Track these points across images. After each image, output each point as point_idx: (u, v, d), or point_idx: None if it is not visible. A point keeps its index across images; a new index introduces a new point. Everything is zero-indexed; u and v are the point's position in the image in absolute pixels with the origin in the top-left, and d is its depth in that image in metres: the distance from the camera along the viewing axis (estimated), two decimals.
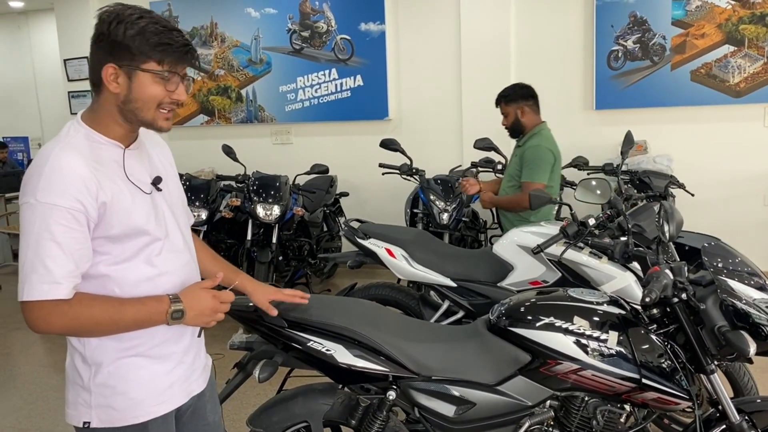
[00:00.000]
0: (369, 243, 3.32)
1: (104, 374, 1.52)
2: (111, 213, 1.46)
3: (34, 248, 1.38)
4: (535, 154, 3.51)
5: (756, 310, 1.93)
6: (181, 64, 1.49)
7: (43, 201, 1.38)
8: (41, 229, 1.38)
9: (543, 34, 5.78)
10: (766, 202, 5.38)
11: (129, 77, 1.45)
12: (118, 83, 1.46)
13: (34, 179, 1.40)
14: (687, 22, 5.33)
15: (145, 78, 1.46)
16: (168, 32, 1.46)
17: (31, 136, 8.93)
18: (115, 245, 1.49)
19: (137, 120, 1.50)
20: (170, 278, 1.59)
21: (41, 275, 1.38)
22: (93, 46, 1.47)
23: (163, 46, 1.45)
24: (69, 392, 1.57)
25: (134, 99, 1.47)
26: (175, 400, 1.62)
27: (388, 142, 4.63)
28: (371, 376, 2.03)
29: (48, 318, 1.40)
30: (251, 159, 5.94)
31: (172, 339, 1.61)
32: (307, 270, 5.46)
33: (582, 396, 2.04)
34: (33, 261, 1.38)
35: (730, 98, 5.31)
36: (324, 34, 6.36)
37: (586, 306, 2.05)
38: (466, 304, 3.16)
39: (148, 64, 1.45)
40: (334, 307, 2.12)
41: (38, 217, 1.38)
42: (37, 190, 1.38)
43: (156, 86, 1.47)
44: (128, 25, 1.43)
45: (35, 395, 3.88)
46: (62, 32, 7.38)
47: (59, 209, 1.38)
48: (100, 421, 1.53)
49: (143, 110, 1.48)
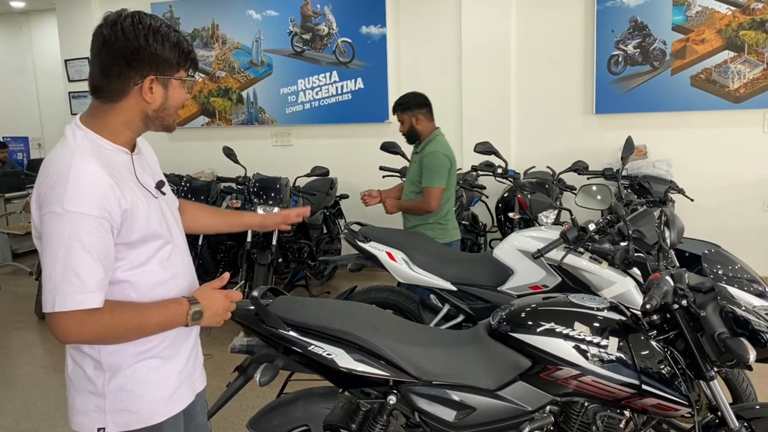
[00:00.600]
0: (369, 246, 3.32)
1: (121, 378, 1.53)
2: (132, 219, 1.47)
3: (64, 258, 1.37)
4: (433, 161, 3.66)
5: (756, 317, 1.94)
6: (196, 68, 1.60)
7: (71, 210, 1.37)
8: (71, 238, 1.37)
9: (543, 38, 5.79)
10: (765, 207, 5.39)
11: (164, 87, 1.51)
12: (152, 93, 1.50)
13: (58, 188, 1.39)
14: (687, 27, 5.35)
15: (177, 85, 1.54)
16: (187, 41, 1.55)
17: (31, 136, 8.94)
18: (132, 251, 1.50)
19: (162, 125, 1.57)
20: (180, 280, 1.62)
21: (74, 285, 1.37)
22: (118, 56, 1.45)
23: (191, 55, 1.55)
24: (76, 399, 1.56)
25: (168, 107, 1.54)
26: (185, 398, 1.65)
27: (389, 145, 4.64)
28: (372, 380, 2.03)
29: (81, 328, 1.40)
30: (251, 161, 5.94)
31: (181, 338, 1.65)
32: (306, 272, 5.47)
33: (582, 401, 2.04)
34: (64, 271, 1.37)
35: (730, 104, 5.32)
36: (325, 37, 6.37)
37: (587, 312, 2.06)
38: (466, 308, 3.16)
39: (180, 73, 1.54)
40: (335, 310, 2.12)
41: (67, 227, 1.37)
42: (63, 199, 1.38)
43: (183, 92, 1.57)
44: (165, 38, 1.48)
45: (34, 396, 3.88)
46: (63, 33, 7.38)
47: (88, 218, 1.38)
48: (116, 425, 1.53)
49: (172, 116, 1.58)
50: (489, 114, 5.93)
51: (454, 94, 6.07)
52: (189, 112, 7.00)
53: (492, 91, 5.90)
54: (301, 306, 2.12)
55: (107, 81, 1.48)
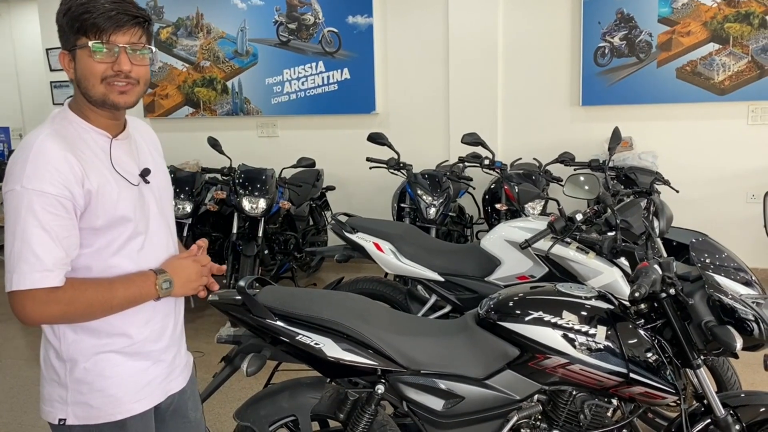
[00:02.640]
0: (357, 237, 3.31)
1: (80, 370, 1.49)
2: (96, 203, 1.43)
3: (22, 236, 1.34)
4: None
5: (742, 305, 1.95)
6: (107, 31, 1.41)
7: (29, 188, 1.34)
8: (28, 216, 1.34)
9: (530, 30, 5.79)
10: (749, 199, 5.44)
11: (73, 58, 1.45)
12: (70, 68, 1.46)
13: (19, 166, 1.37)
14: (673, 19, 5.37)
15: (83, 55, 1.42)
16: (92, 1, 1.41)
17: (12, 127, 8.79)
18: (99, 237, 1.46)
19: (93, 100, 1.46)
20: None
21: (32, 264, 1.34)
22: None
23: (84, 17, 1.40)
24: (44, 388, 1.54)
25: (81, 78, 1.44)
26: (153, 397, 1.59)
27: (376, 136, 4.62)
28: (360, 369, 2.02)
29: (42, 307, 1.36)
30: (236, 152, 5.90)
31: (151, 337, 1.58)
32: (292, 264, 5.44)
33: (570, 390, 2.05)
34: (21, 249, 1.34)
35: (715, 96, 5.35)
36: (311, 27, 6.32)
37: (575, 301, 2.06)
38: (454, 298, 3.16)
39: (81, 41, 1.42)
40: (322, 300, 2.11)
41: (24, 205, 1.34)
42: (23, 176, 1.35)
43: (91, 60, 1.42)
44: (62, 6, 1.43)
45: (17, 388, 3.83)
46: (44, 21, 7.26)
47: (46, 196, 1.35)
48: (77, 418, 1.50)
49: (91, 88, 1.44)
50: (476, 105, 5.93)
51: (441, 85, 6.06)
52: (173, 102, 6.93)
53: (479, 82, 5.89)
54: (288, 296, 2.10)
55: None
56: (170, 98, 6.94)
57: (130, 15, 1.43)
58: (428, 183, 4.62)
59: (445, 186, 4.64)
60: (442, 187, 4.61)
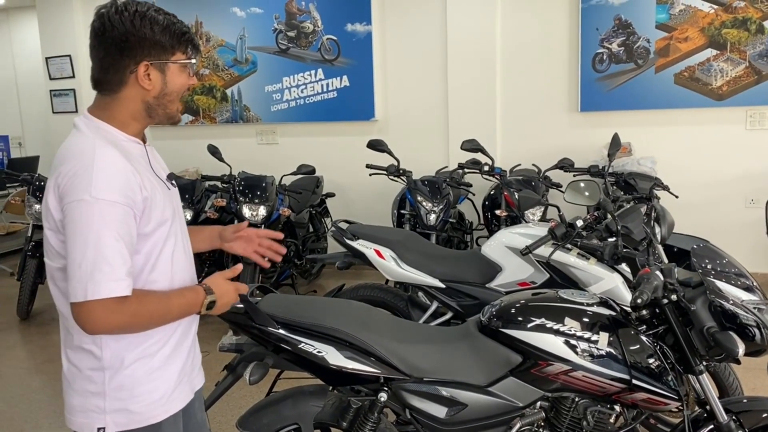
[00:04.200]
0: (357, 244, 3.31)
1: (121, 377, 1.50)
2: (149, 208, 1.47)
3: (95, 245, 1.35)
4: None
5: (743, 311, 1.96)
6: (196, 51, 1.56)
7: (100, 198, 1.36)
8: (101, 226, 1.36)
9: (529, 36, 5.81)
10: (748, 204, 5.45)
11: (162, 72, 1.49)
12: (150, 79, 1.48)
13: (83, 177, 1.37)
14: (671, 25, 5.39)
15: (176, 69, 1.52)
16: (182, 23, 1.53)
17: (11, 135, 8.79)
18: (147, 242, 1.50)
19: (164, 114, 1.54)
20: (181, 275, 1.61)
21: (106, 273, 1.36)
22: (111, 46, 1.45)
23: (186, 36, 1.51)
24: (74, 399, 1.53)
25: (168, 92, 1.51)
26: (184, 396, 1.64)
27: (376, 143, 4.63)
28: (362, 377, 2.02)
29: (111, 316, 1.38)
30: (236, 159, 5.91)
31: (182, 337, 1.63)
32: (293, 271, 5.44)
33: (572, 397, 2.05)
34: (95, 259, 1.35)
35: (713, 101, 5.37)
36: (310, 35, 6.34)
37: (577, 307, 2.06)
38: (455, 305, 3.16)
39: (177, 56, 1.51)
40: (325, 308, 2.11)
41: (96, 214, 1.36)
42: (91, 187, 1.36)
43: (184, 76, 1.54)
44: (153, 21, 1.45)
45: (17, 398, 3.82)
46: (44, 30, 7.28)
47: (117, 206, 1.38)
48: (116, 425, 1.51)
49: (174, 102, 1.55)
50: (475, 111, 5.94)
51: (440, 92, 6.07)
52: None
53: (477, 88, 5.91)
54: (290, 303, 2.10)
55: (104, 73, 1.48)
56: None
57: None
58: (428, 189, 4.63)
59: (445, 192, 4.64)
60: (442, 194, 4.62)
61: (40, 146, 8.79)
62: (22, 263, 5.10)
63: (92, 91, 1.55)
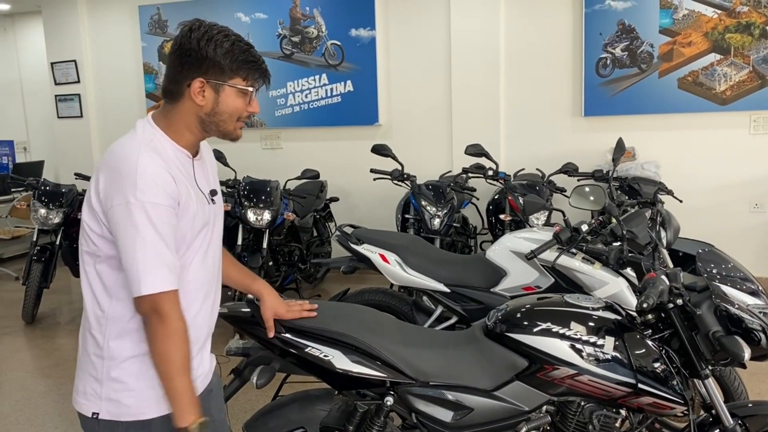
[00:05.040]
0: (362, 248, 3.32)
1: (118, 370, 1.56)
2: (182, 214, 1.53)
3: (142, 244, 1.44)
4: None
5: (749, 315, 1.96)
6: (261, 80, 1.61)
7: (144, 200, 1.44)
8: (146, 226, 1.44)
9: (532, 41, 5.83)
10: (752, 208, 5.45)
11: (216, 91, 1.55)
12: (203, 96, 1.55)
13: (127, 180, 1.45)
14: (674, 30, 5.40)
15: (231, 92, 1.57)
16: (250, 51, 1.58)
17: (16, 140, 8.83)
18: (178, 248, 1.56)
19: (218, 131, 1.60)
20: (196, 286, 1.65)
21: (157, 267, 1.45)
22: (176, 59, 1.55)
23: (249, 64, 1.57)
24: (80, 380, 1.62)
25: (220, 112, 1.57)
26: None
27: (380, 148, 4.64)
28: (369, 381, 2.03)
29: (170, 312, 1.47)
30: (241, 164, 5.93)
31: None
32: (297, 275, 5.45)
33: (578, 401, 2.05)
34: (145, 257, 1.44)
35: (717, 106, 5.37)
36: (314, 40, 6.36)
37: (583, 311, 2.07)
38: (460, 309, 3.17)
39: (235, 80, 1.56)
40: (331, 312, 2.11)
41: (142, 216, 1.44)
42: (136, 190, 1.44)
43: (239, 100, 1.58)
44: (218, 43, 1.53)
45: (22, 401, 3.83)
46: (49, 35, 7.31)
47: (160, 207, 1.46)
48: (109, 413, 1.57)
49: (226, 122, 1.60)
50: (478, 116, 5.96)
51: (443, 97, 6.09)
52: None
53: (481, 93, 5.92)
54: None
55: (168, 81, 1.58)
56: None
57: (268, 72, 1.64)
58: (432, 194, 4.64)
59: (449, 197, 4.65)
60: (446, 198, 4.63)
61: (45, 151, 8.83)
62: (28, 267, 5.12)
63: (97, 97, 1.60)
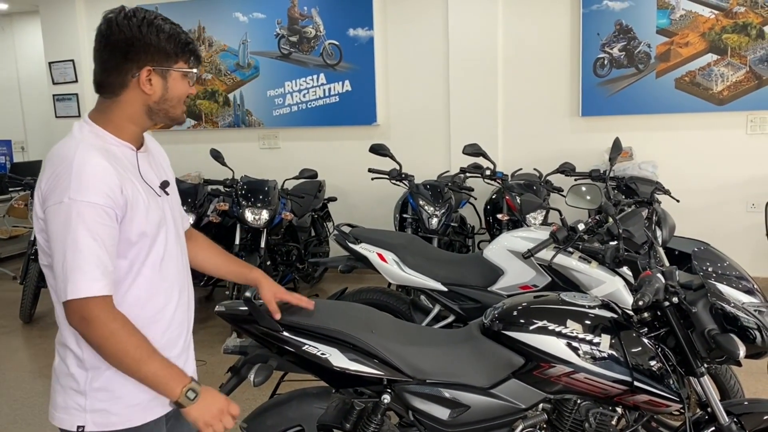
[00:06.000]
0: (360, 247, 3.33)
1: (103, 379, 1.53)
2: (131, 212, 1.49)
3: (73, 246, 1.39)
4: None
5: (744, 313, 1.97)
6: (197, 61, 1.60)
7: (79, 199, 1.39)
8: (79, 226, 1.39)
9: (530, 41, 5.84)
10: (749, 208, 5.46)
11: (163, 78, 1.52)
12: (151, 84, 1.51)
13: (63, 180, 1.41)
14: (671, 30, 5.41)
15: (178, 77, 1.55)
16: (185, 34, 1.57)
17: (14, 140, 8.82)
18: (132, 247, 1.52)
19: (167, 117, 1.57)
20: (168, 283, 1.62)
21: (85, 272, 1.39)
22: (116, 50, 1.49)
23: (189, 46, 1.56)
24: (59, 395, 1.56)
25: (169, 98, 1.55)
26: (166, 404, 1.61)
27: (378, 148, 4.65)
28: (366, 379, 2.04)
29: (99, 317, 1.41)
30: (238, 163, 5.92)
31: (168, 345, 1.62)
32: (295, 275, 5.45)
33: (574, 399, 2.06)
34: (74, 259, 1.39)
35: (714, 106, 5.39)
36: (312, 39, 6.37)
37: (579, 310, 2.07)
38: (457, 308, 3.17)
39: (179, 64, 1.55)
40: (329, 310, 2.12)
41: (74, 216, 1.39)
42: (69, 189, 1.40)
43: (185, 83, 1.57)
44: (159, 29, 1.49)
45: (20, 401, 3.83)
46: (47, 35, 7.31)
47: (95, 206, 1.40)
48: (95, 425, 1.53)
49: (176, 108, 1.58)
50: (476, 116, 5.96)
51: (441, 96, 6.09)
52: None
53: (479, 93, 5.93)
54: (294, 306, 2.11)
55: (107, 75, 1.51)
56: None
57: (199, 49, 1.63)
58: (430, 193, 4.65)
59: (446, 196, 4.66)
60: (444, 198, 4.64)
61: (42, 151, 8.81)
62: (25, 267, 5.12)
63: (95, 96, 1.58)
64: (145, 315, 1.56)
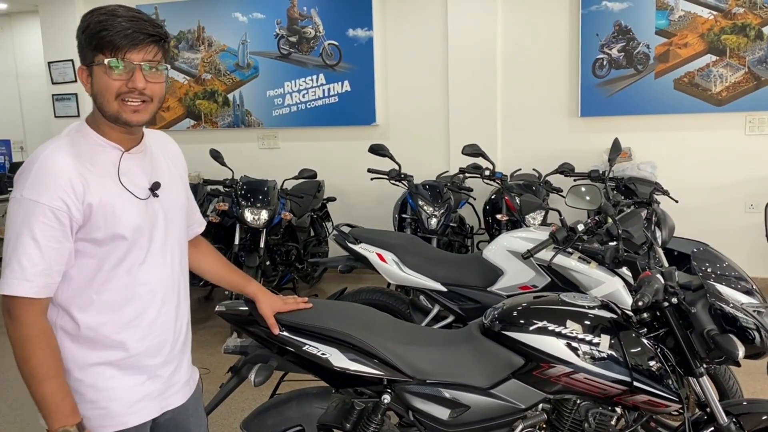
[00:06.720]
0: (360, 247, 3.33)
1: (73, 380, 1.50)
2: (97, 215, 1.44)
3: (14, 243, 1.39)
4: None
5: (743, 314, 1.98)
6: (123, 48, 1.41)
7: (28, 197, 1.39)
8: (22, 225, 1.39)
9: (529, 41, 5.84)
10: (748, 209, 5.47)
11: (90, 74, 1.46)
12: (88, 83, 1.47)
13: (24, 175, 1.42)
14: (670, 31, 5.42)
15: (99, 71, 1.44)
16: (110, 19, 1.41)
17: (13, 140, 8.81)
18: (100, 248, 1.47)
19: (107, 116, 1.47)
20: (149, 289, 1.56)
21: (14, 270, 1.39)
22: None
23: (101, 35, 1.40)
24: None
25: (98, 94, 1.46)
26: (147, 412, 1.59)
27: (377, 148, 4.65)
28: (366, 379, 2.04)
29: (21, 317, 1.40)
30: (238, 163, 5.94)
31: (148, 352, 1.58)
32: (294, 275, 5.46)
33: (574, 399, 2.06)
34: (11, 255, 1.39)
35: (712, 107, 5.40)
36: (312, 40, 6.37)
37: (579, 310, 2.08)
38: (456, 308, 3.18)
39: (98, 57, 1.43)
40: (329, 310, 2.12)
41: (21, 213, 1.39)
42: (24, 186, 1.40)
43: (107, 77, 1.43)
44: (85, 26, 1.44)
45: (20, 401, 3.83)
46: (46, 35, 7.31)
47: (42, 207, 1.39)
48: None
49: (106, 104, 1.45)
50: (475, 116, 5.97)
51: (440, 97, 6.10)
52: (174, 115, 6.97)
53: (478, 93, 5.94)
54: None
55: None
56: (171, 111, 6.98)
57: (147, 33, 1.43)
58: (429, 194, 4.65)
59: (446, 197, 4.67)
60: (443, 198, 4.64)
61: None
62: None
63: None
64: (120, 320, 1.52)
